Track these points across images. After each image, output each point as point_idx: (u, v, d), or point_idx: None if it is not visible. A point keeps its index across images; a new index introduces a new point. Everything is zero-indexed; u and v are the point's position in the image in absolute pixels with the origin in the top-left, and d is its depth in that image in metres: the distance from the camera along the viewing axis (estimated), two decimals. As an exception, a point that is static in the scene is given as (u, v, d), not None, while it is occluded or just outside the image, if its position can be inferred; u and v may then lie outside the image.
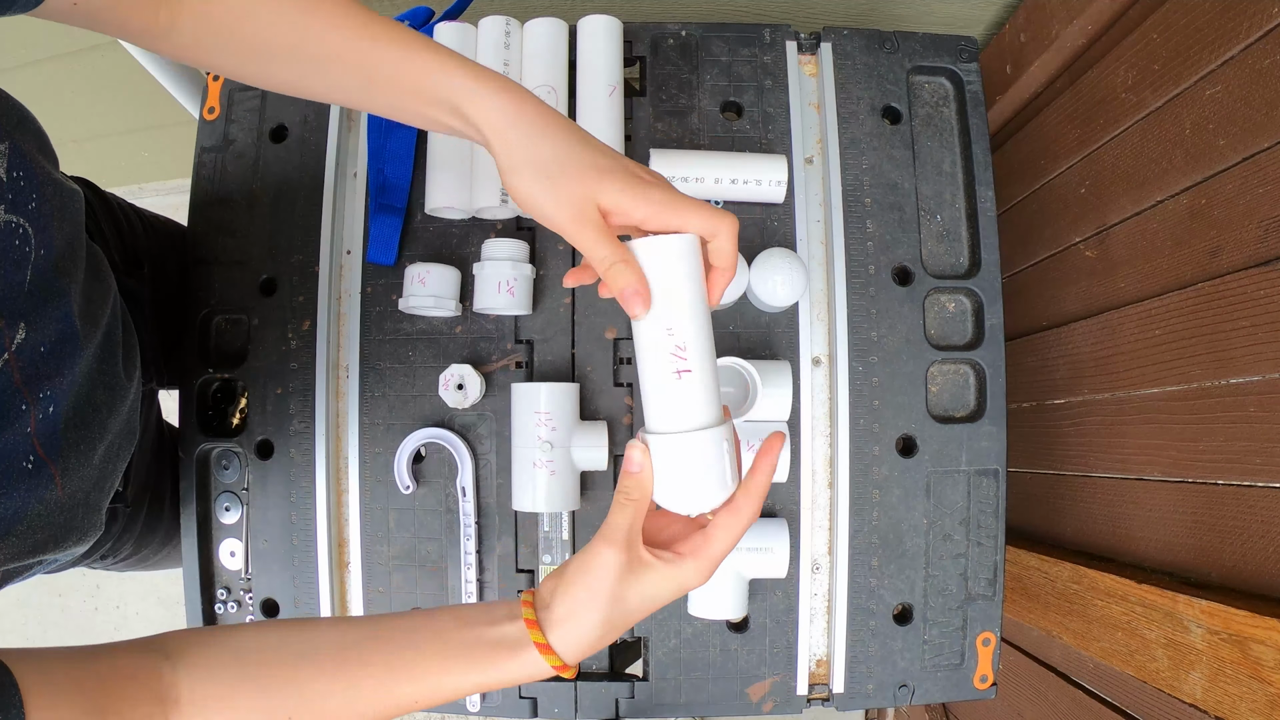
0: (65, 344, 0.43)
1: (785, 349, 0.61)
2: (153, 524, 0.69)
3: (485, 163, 0.61)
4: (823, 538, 0.62)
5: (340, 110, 0.65)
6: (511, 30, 0.62)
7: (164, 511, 0.70)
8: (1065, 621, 0.78)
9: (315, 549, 0.62)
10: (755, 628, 0.61)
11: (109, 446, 0.49)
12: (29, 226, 0.38)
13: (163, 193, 1.59)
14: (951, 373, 0.63)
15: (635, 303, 0.38)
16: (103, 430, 0.48)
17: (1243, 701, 0.56)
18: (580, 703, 0.61)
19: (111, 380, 0.50)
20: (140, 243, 0.66)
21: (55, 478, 0.42)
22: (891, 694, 0.60)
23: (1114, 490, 0.76)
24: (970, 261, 0.64)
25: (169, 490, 0.69)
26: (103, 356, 0.48)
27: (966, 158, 0.64)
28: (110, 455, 0.50)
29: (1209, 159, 0.63)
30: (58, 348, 0.42)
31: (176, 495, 0.65)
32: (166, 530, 0.71)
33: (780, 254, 0.57)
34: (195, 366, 0.64)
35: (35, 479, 0.41)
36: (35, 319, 0.40)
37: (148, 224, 0.68)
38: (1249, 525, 0.59)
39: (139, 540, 0.68)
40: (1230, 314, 0.60)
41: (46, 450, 0.41)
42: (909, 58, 0.65)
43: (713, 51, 0.65)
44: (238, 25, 0.42)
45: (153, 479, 0.67)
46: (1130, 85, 0.73)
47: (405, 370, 0.62)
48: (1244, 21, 0.59)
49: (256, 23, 0.42)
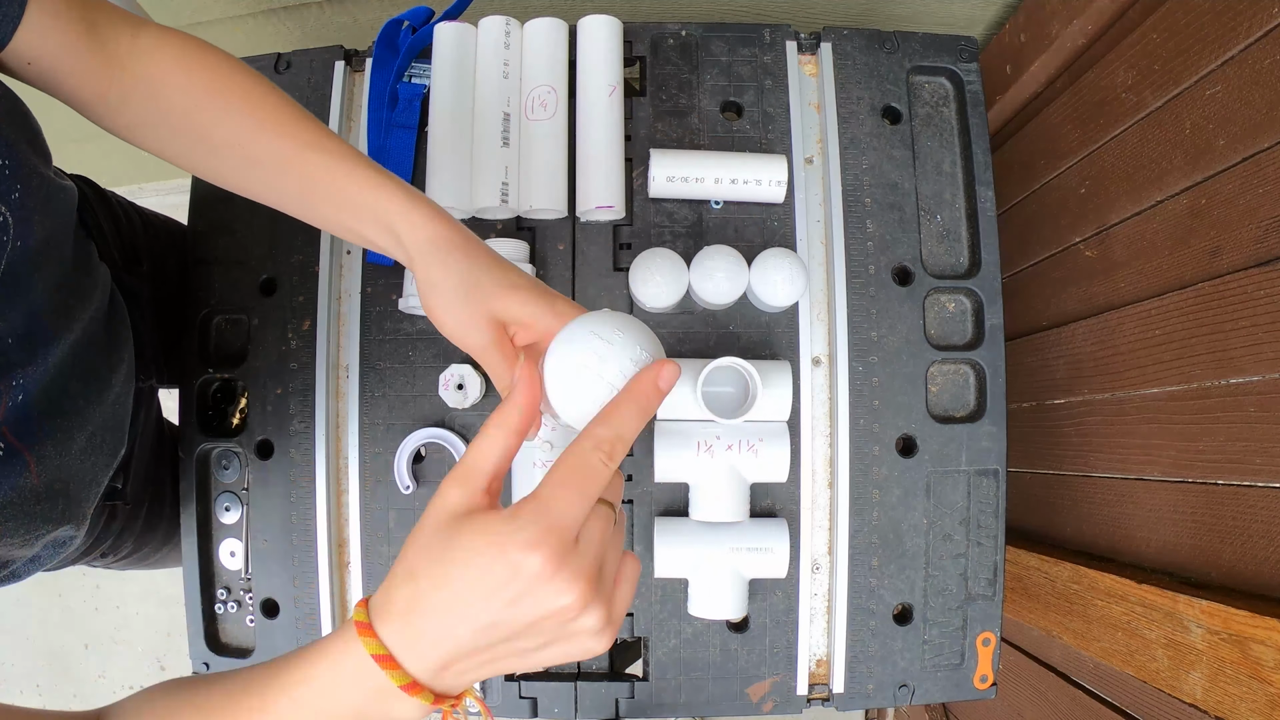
0: (35, 335, 0.43)
1: (785, 349, 0.61)
2: (153, 521, 0.69)
3: (485, 163, 0.61)
4: (823, 538, 0.62)
5: (340, 110, 0.65)
6: (511, 30, 0.62)
7: (164, 509, 0.70)
8: (1065, 621, 0.78)
9: (315, 549, 0.62)
10: (755, 628, 0.61)
11: (91, 438, 0.50)
12: (9, 215, 0.38)
13: (163, 193, 1.59)
14: (951, 373, 0.63)
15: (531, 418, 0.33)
16: (82, 420, 0.48)
17: (1243, 701, 0.56)
18: (580, 703, 0.61)
19: (90, 373, 0.50)
20: (140, 240, 0.66)
21: (30, 464, 0.43)
22: (891, 694, 0.60)
23: (1114, 490, 0.76)
24: (970, 261, 0.64)
25: (169, 488, 0.69)
26: (82, 348, 0.49)
27: (966, 158, 0.64)
28: (93, 447, 0.50)
29: (1209, 159, 0.63)
30: (27, 339, 0.42)
31: (177, 494, 0.65)
32: (167, 528, 0.71)
33: (780, 254, 0.57)
34: (195, 366, 0.64)
35: (7, 466, 0.41)
36: (4, 309, 0.40)
37: (148, 222, 0.69)
38: (1249, 525, 0.59)
39: (140, 538, 0.68)
40: (1230, 314, 0.60)
41: (18, 437, 0.42)
42: (909, 58, 0.65)
43: (713, 51, 0.65)
44: (186, 115, 0.43)
45: (153, 477, 0.67)
46: (1130, 85, 0.73)
47: (405, 370, 0.62)
48: (1244, 21, 0.59)
49: (203, 115, 0.43)
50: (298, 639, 0.62)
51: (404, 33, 0.64)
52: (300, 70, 0.66)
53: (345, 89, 0.66)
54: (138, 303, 0.61)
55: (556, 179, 0.60)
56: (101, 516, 0.62)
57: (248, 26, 1.02)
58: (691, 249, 0.60)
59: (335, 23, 1.01)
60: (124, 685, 1.58)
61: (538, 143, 0.61)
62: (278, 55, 0.66)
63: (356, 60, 0.67)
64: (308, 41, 1.04)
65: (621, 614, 0.32)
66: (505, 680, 0.61)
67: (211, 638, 0.64)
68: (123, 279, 0.59)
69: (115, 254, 0.62)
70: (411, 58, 0.64)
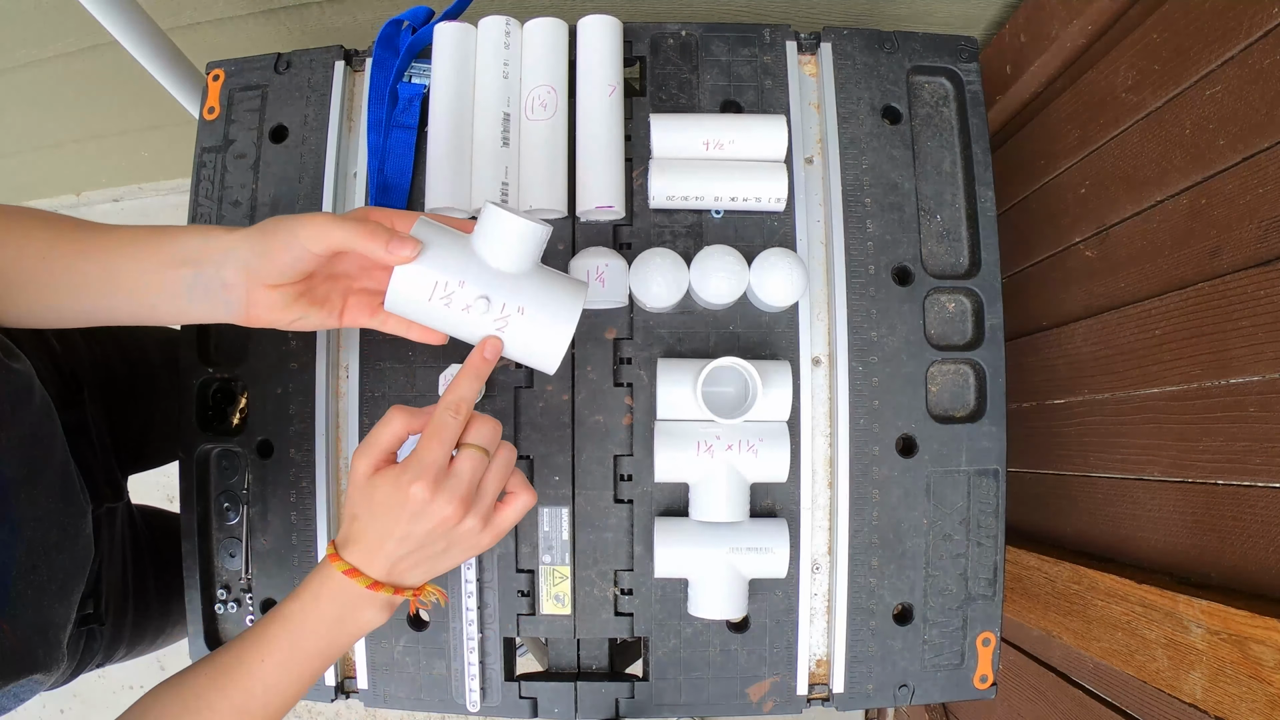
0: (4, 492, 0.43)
1: (785, 349, 0.61)
2: (141, 624, 0.68)
3: (484, 163, 0.61)
4: (823, 538, 0.62)
5: (340, 110, 0.65)
6: (511, 30, 0.62)
7: (150, 609, 0.69)
8: (1065, 621, 0.78)
9: (315, 549, 0.62)
10: (755, 628, 0.61)
11: (62, 585, 0.49)
12: None
13: (162, 192, 1.59)
14: (951, 373, 0.63)
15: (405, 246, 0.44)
16: (52, 572, 0.47)
17: (1243, 701, 0.56)
18: (580, 703, 0.61)
19: (64, 520, 0.49)
20: (81, 359, 0.64)
21: (3, 627, 0.42)
22: (891, 694, 0.60)
23: (1114, 490, 0.76)
24: (970, 261, 0.64)
25: (153, 588, 0.69)
26: (49, 500, 0.48)
27: (966, 158, 0.64)
28: (64, 591, 0.49)
29: (1209, 159, 0.63)
30: None
31: (162, 590, 0.65)
32: (157, 625, 0.70)
33: (780, 254, 0.57)
34: (195, 366, 0.64)
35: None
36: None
37: (89, 334, 0.67)
38: (1249, 525, 0.59)
39: (130, 643, 0.67)
40: (1230, 314, 0.60)
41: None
42: (909, 58, 0.65)
43: (713, 51, 0.65)
44: None
45: (131, 589, 0.66)
46: (1130, 85, 0.73)
47: (405, 370, 0.62)
48: (1244, 21, 0.59)
49: None
50: (298, 639, 0.62)
51: (404, 33, 0.64)
52: (300, 70, 0.66)
53: (345, 89, 0.66)
54: (85, 433, 0.61)
55: (556, 179, 0.60)
56: (80, 641, 0.61)
57: (248, 26, 1.02)
58: (691, 249, 0.60)
59: (335, 23, 1.01)
60: (124, 685, 1.58)
61: (538, 143, 0.61)
62: (278, 55, 0.66)
63: (356, 60, 0.67)
64: (308, 41, 1.04)
65: (503, 525, 0.46)
66: (505, 681, 0.61)
67: (211, 637, 0.64)
68: (65, 417, 0.55)
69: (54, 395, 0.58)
70: (411, 58, 0.64)
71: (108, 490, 0.64)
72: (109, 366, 0.67)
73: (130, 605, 0.66)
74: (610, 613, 0.61)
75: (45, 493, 0.48)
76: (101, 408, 0.64)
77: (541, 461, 0.61)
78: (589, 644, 0.63)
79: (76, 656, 0.61)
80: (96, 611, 0.61)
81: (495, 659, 0.61)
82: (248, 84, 0.67)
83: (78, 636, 0.60)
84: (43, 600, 0.46)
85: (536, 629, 0.61)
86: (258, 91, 0.66)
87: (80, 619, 0.58)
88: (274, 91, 0.66)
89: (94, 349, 0.67)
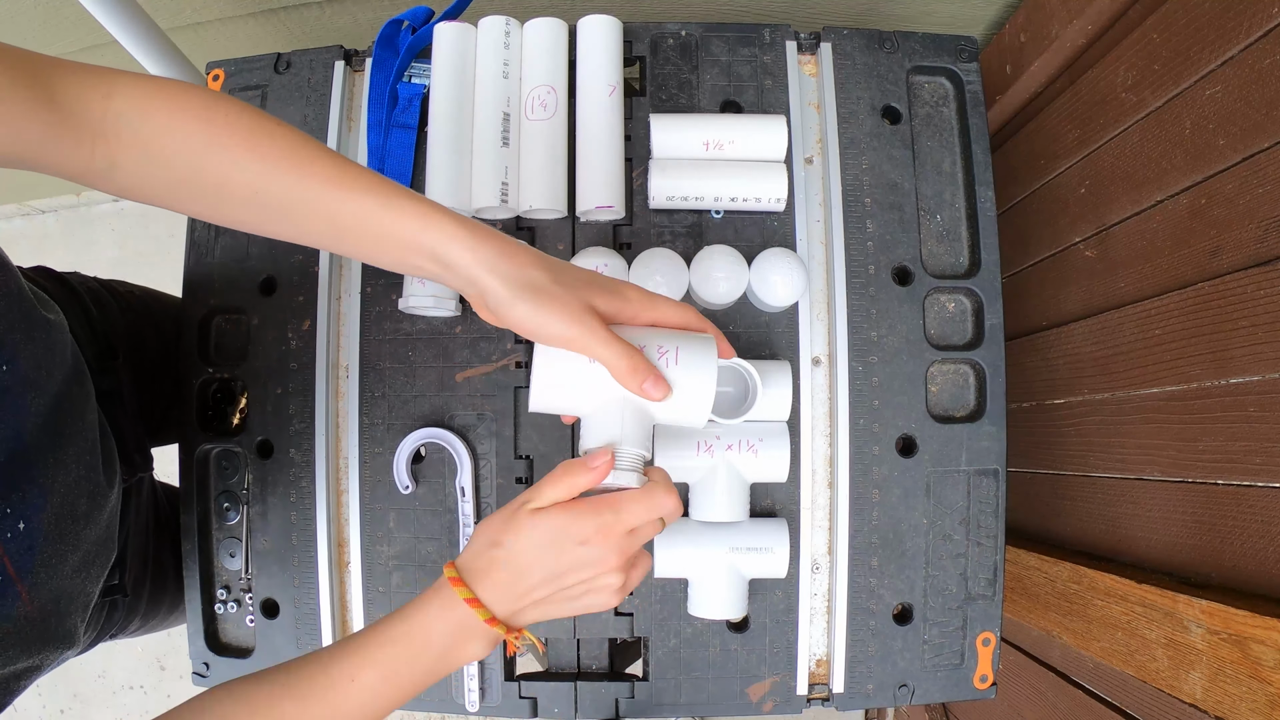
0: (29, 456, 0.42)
1: (785, 349, 0.61)
2: (158, 596, 0.68)
3: (484, 163, 0.61)
4: (822, 538, 0.62)
5: (340, 110, 0.65)
6: (511, 30, 0.62)
7: (168, 582, 0.69)
8: (1065, 621, 0.78)
9: (315, 549, 0.62)
10: (755, 628, 0.61)
11: (84, 557, 0.48)
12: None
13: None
14: (951, 373, 0.63)
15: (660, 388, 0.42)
16: (77, 542, 0.46)
17: (1243, 701, 0.56)
18: (580, 703, 0.61)
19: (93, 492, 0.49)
20: (117, 325, 0.64)
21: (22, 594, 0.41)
22: (891, 694, 0.60)
23: (1114, 490, 0.76)
24: (970, 261, 0.64)
25: (171, 560, 0.69)
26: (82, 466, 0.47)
27: (966, 158, 0.64)
28: (85, 564, 0.48)
29: (1209, 159, 0.63)
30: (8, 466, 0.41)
31: (178, 562, 0.65)
32: (172, 599, 0.70)
33: (780, 254, 0.57)
34: (195, 366, 0.64)
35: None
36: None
37: (126, 305, 0.67)
38: (1249, 525, 0.59)
39: (145, 614, 0.67)
40: (1230, 314, 0.60)
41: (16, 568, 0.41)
42: (909, 58, 0.65)
43: (713, 51, 0.65)
44: (190, 171, 0.40)
45: (151, 558, 0.67)
46: (1130, 85, 0.73)
47: (405, 370, 0.62)
48: (1244, 21, 0.59)
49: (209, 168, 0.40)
50: (297, 639, 0.62)
51: (404, 33, 0.64)
52: (300, 70, 0.66)
53: (345, 89, 0.66)
54: (119, 400, 0.60)
55: (556, 179, 0.60)
56: (103, 611, 0.61)
57: (248, 26, 1.02)
58: (691, 249, 0.60)
59: (335, 23, 1.01)
60: (124, 685, 1.58)
61: (537, 143, 0.61)
62: (278, 55, 0.66)
63: (356, 60, 0.67)
64: (308, 41, 1.04)
65: (631, 586, 0.44)
66: (505, 680, 0.61)
67: (211, 637, 0.64)
68: (99, 382, 0.55)
69: (89, 356, 0.58)
70: (411, 58, 0.64)
71: (138, 458, 0.64)
72: (140, 334, 0.67)
73: (148, 577, 0.66)
74: (610, 612, 0.61)
75: (75, 459, 0.46)
76: (131, 375, 0.64)
77: (541, 461, 0.61)
78: (589, 644, 0.63)
79: (98, 627, 0.61)
80: (121, 582, 0.61)
81: (495, 659, 0.61)
82: (248, 84, 0.67)
83: (100, 607, 0.60)
84: (60, 571, 0.45)
85: (536, 629, 0.61)
86: (258, 91, 0.66)
87: (105, 589, 0.57)
88: (274, 91, 0.66)
89: (127, 315, 0.67)
